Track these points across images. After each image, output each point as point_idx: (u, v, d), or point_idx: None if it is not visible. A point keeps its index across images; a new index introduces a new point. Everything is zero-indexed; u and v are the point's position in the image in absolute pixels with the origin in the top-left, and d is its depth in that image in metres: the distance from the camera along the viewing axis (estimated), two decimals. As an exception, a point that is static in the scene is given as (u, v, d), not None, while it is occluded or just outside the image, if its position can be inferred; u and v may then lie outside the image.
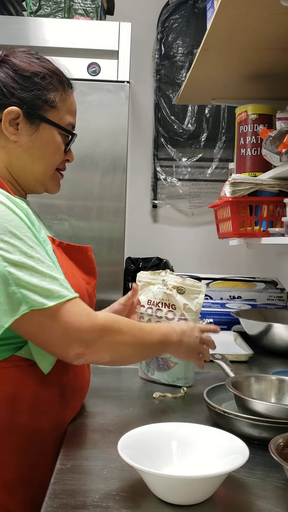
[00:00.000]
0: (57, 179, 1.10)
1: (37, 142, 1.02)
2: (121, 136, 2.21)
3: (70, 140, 1.08)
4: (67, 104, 1.05)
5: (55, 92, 1.02)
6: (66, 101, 1.05)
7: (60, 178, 1.11)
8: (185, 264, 2.81)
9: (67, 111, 1.05)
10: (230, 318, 1.78)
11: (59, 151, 1.05)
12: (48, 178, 1.07)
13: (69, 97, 1.06)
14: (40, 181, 1.06)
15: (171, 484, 0.69)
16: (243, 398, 0.95)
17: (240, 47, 1.46)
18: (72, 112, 1.07)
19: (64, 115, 1.04)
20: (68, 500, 0.71)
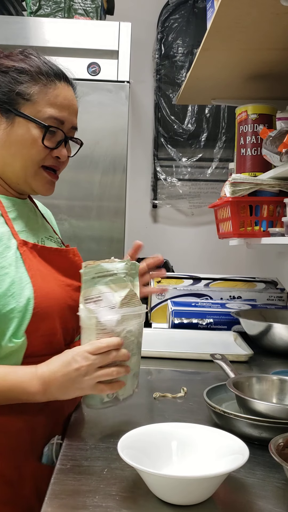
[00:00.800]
0: (44, 178, 1.05)
1: (12, 136, 1.01)
2: (121, 136, 2.21)
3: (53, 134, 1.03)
4: (49, 97, 1.01)
5: (31, 85, 1.00)
6: (47, 93, 1.01)
7: (50, 178, 1.06)
8: (185, 264, 2.82)
9: (47, 104, 1.01)
10: (230, 318, 1.78)
11: (36, 145, 1.01)
12: (31, 176, 1.03)
13: (53, 90, 1.02)
14: (21, 178, 1.04)
15: (171, 484, 0.69)
16: (245, 399, 0.95)
17: (240, 47, 1.46)
18: (56, 104, 1.02)
19: (43, 108, 1.00)
20: (68, 500, 0.71)
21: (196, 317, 1.79)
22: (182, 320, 1.78)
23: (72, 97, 1.06)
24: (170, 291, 1.97)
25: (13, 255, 0.97)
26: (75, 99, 1.09)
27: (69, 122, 1.05)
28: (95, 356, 0.87)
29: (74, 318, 1.04)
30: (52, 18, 2.25)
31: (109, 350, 0.88)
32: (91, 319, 0.90)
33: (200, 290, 1.98)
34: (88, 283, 0.91)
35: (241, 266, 2.91)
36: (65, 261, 1.08)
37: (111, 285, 0.93)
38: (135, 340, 0.96)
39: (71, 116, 1.06)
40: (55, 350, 1.00)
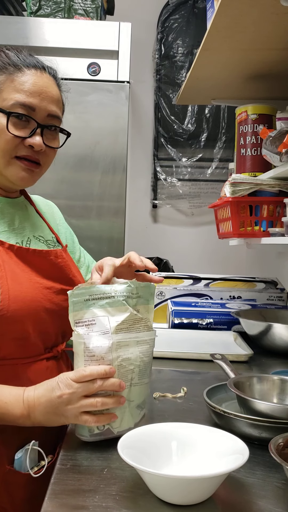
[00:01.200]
0: (18, 166, 0.99)
1: None
2: (121, 136, 2.21)
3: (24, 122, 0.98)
4: (15, 84, 0.97)
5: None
6: (14, 81, 0.97)
7: (24, 166, 1.00)
8: (185, 264, 2.82)
9: (13, 91, 0.97)
10: (230, 318, 1.78)
11: (3, 134, 0.96)
12: (3, 166, 0.99)
13: (20, 77, 0.97)
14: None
15: (171, 484, 0.69)
16: (246, 399, 0.95)
17: (240, 47, 1.46)
18: (23, 90, 0.97)
19: (8, 95, 0.97)
20: (68, 500, 0.71)
21: (196, 317, 1.79)
22: (182, 320, 1.78)
23: (45, 84, 1.00)
24: (170, 291, 1.97)
25: None
26: (52, 86, 1.02)
27: (43, 109, 0.99)
28: (78, 385, 0.82)
29: (56, 321, 1.02)
30: (52, 18, 2.25)
31: (94, 379, 0.83)
32: (80, 345, 0.86)
33: (200, 290, 1.98)
34: (79, 305, 0.86)
35: (241, 266, 2.91)
36: (45, 263, 1.05)
37: (107, 309, 0.87)
38: (135, 369, 0.89)
39: (45, 103, 0.99)
40: (32, 354, 0.99)
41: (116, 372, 0.86)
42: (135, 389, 0.90)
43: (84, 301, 0.87)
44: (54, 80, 1.04)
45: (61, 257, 1.09)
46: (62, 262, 1.09)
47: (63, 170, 2.14)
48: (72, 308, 0.87)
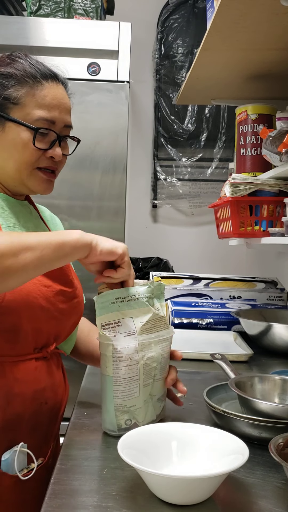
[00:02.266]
0: (40, 178, 1.04)
1: (3, 141, 1.01)
2: (121, 136, 2.21)
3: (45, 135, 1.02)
4: (37, 98, 1.00)
5: (18, 89, 1.00)
6: (35, 95, 1.00)
7: (46, 177, 1.05)
8: (185, 264, 2.82)
9: (36, 106, 1.00)
10: (230, 318, 1.78)
11: (28, 148, 1.00)
12: (26, 177, 1.03)
13: (40, 91, 1.01)
14: (17, 180, 1.04)
15: (171, 484, 0.69)
16: (248, 399, 0.95)
17: (240, 47, 1.46)
18: (45, 105, 1.01)
19: (31, 110, 1.00)
20: (68, 500, 0.71)
21: (196, 317, 1.79)
22: (182, 320, 1.78)
23: (62, 96, 1.04)
24: (170, 291, 1.97)
25: None
26: (66, 97, 1.07)
27: (61, 121, 1.03)
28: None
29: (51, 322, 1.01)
30: (52, 18, 2.25)
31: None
32: (108, 346, 0.88)
33: (200, 290, 1.98)
34: (105, 309, 0.89)
35: (241, 266, 2.91)
36: None
37: (131, 310, 0.91)
38: (158, 365, 0.94)
39: (62, 114, 1.04)
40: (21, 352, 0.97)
41: (142, 371, 0.91)
42: (157, 384, 0.95)
43: (110, 304, 0.89)
44: (65, 89, 1.07)
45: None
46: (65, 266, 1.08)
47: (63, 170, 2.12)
48: (98, 313, 0.89)
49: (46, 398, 1.01)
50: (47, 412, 1.02)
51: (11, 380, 0.95)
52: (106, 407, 0.92)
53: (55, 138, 1.03)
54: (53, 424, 1.06)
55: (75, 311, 1.08)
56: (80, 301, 1.11)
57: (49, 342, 1.04)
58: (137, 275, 2.70)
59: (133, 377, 0.90)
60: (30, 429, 0.98)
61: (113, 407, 0.90)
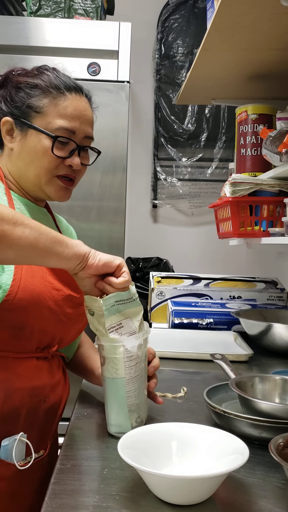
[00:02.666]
0: (57, 185, 1.07)
1: (25, 147, 1.05)
2: (121, 136, 2.21)
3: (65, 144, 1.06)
4: (59, 108, 1.05)
5: (41, 98, 1.04)
6: (57, 105, 1.05)
7: (63, 185, 1.08)
8: (185, 264, 2.82)
9: (57, 115, 1.05)
10: (230, 318, 1.78)
11: (47, 155, 1.04)
12: (44, 183, 1.06)
13: (63, 102, 1.05)
14: (36, 186, 1.07)
15: (171, 484, 0.69)
16: (249, 399, 0.95)
17: (240, 47, 1.46)
18: (66, 115, 1.05)
19: (53, 120, 1.04)
20: (68, 500, 0.72)
21: (196, 317, 1.79)
22: (182, 320, 1.78)
23: (84, 108, 1.08)
24: (170, 291, 1.97)
25: None
26: (89, 109, 1.11)
27: (81, 131, 1.07)
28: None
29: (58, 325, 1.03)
30: (52, 18, 2.25)
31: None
32: (118, 348, 0.89)
33: (200, 290, 1.98)
34: (108, 311, 0.90)
35: (241, 266, 2.91)
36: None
37: (129, 310, 0.93)
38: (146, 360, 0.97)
39: (83, 126, 1.07)
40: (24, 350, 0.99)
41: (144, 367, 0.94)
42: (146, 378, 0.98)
43: (111, 307, 0.91)
44: (89, 102, 1.12)
45: None
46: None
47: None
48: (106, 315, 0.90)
49: (45, 395, 1.02)
50: (45, 410, 1.03)
51: (12, 374, 0.97)
52: (118, 410, 0.91)
53: (74, 148, 1.06)
54: (51, 422, 1.06)
55: (81, 318, 1.08)
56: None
57: (52, 344, 1.05)
58: (137, 275, 2.70)
59: (140, 374, 0.93)
60: (27, 424, 0.99)
61: (126, 408, 0.91)
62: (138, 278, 2.70)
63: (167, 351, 1.48)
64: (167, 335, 1.71)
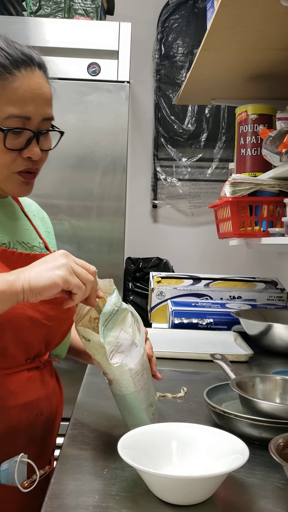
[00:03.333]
0: (17, 181, 0.92)
1: None
2: (121, 136, 2.21)
3: (19, 134, 0.88)
4: (7, 93, 0.86)
5: None
6: (5, 88, 0.86)
7: (24, 180, 0.93)
8: (185, 264, 2.82)
9: (6, 101, 0.86)
10: (230, 318, 1.78)
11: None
12: (2, 181, 0.92)
13: (11, 83, 0.86)
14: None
15: (171, 484, 0.69)
16: (250, 399, 0.95)
17: (240, 47, 1.46)
18: (17, 100, 0.86)
19: (1, 107, 0.86)
20: (68, 500, 0.71)
21: (196, 317, 1.79)
22: (182, 320, 1.78)
23: (38, 85, 0.89)
24: (170, 291, 1.97)
25: None
26: (45, 84, 0.91)
27: (38, 115, 0.90)
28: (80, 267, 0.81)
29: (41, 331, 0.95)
30: (52, 18, 2.25)
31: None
32: (124, 372, 0.84)
33: (200, 290, 1.98)
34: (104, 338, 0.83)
35: (241, 266, 2.91)
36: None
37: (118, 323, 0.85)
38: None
39: (39, 108, 0.89)
40: (12, 365, 0.92)
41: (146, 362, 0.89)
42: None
43: (104, 329, 0.83)
44: (44, 74, 0.92)
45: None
46: None
47: (63, 170, 2.13)
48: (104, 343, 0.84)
49: (41, 408, 0.97)
50: (43, 423, 0.98)
51: (4, 392, 0.91)
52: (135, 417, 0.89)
53: (31, 136, 0.89)
54: (50, 435, 1.02)
55: (66, 317, 0.99)
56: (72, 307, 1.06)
57: (41, 352, 0.99)
58: (137, 275, 2.70)
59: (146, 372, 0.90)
60: (26, 441, 0.94)
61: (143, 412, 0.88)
62: (138, 278, 2.70)
63: (167, 351, 1.48)
64: (167, 335, 1.71)
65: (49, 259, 0.80)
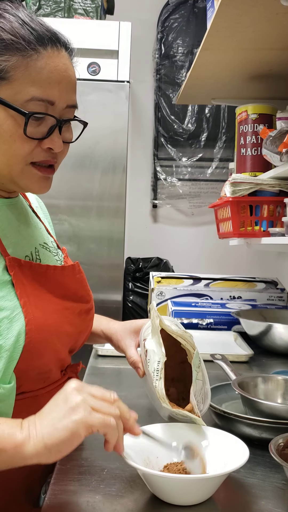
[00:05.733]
0: (33, 175, 0.82)
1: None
2: (121, 136, 2.21)
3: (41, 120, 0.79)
4: (30, 72, 0.76)
5: (5, 58, 0.76)
6: (28, 67, 0.76)
7: (42, 174, 0.83)
8: (185, 264, 2.82)
9: (29, 81, 0.76)
10: (230, 318, 1.78)
11: (17, 137, 0.78)
12: (16, 174, 0.81)
13: (35, 61, 0.76)
14: (6, 177, 0.82)
15: (171, 484, 0.69)
16: (252, 399, 0.95)
17: (240, 47, 1.46)
18: (41, 81, 0.77)
19: (23, 88, 0.76)
20: (68, 501, 0.71)
21: (196, 317, 1.79)
22: (182, 320, 1.78)
23: (64, 67, 0.80)
24: (170, 291, 1.97)
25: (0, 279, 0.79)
26: (71, 67, 0.82)
27: (62, 101, 0.80)
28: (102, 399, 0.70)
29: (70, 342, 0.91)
30: (52, 18, 2.25)
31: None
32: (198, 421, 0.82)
33: (200, 290, 1.98)
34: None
35: (241, 266, 2.91)
36: (66, 280, 0.90)
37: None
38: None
39: (64, 92, 0.80)
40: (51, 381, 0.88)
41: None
42: None
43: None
44: (69, 56, 0.83)
45: (79, 271, 0.95)
46: (80, 278, 0.95)
47: (63, 170, 2.12)
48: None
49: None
50: None
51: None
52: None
53: (54, 124, 0.80)
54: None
55: (89, 323, 0.97)
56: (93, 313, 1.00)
57: (68, 361, 0.95)
58: (137, 275, 2.70)
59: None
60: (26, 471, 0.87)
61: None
62: (138, 278, 2.70)
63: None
64: (167, 335, 1.71)
65: (60, 400, 0.68)
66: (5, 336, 0.75)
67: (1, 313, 0.76)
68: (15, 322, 0.76)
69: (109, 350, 1.44)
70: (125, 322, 1.06)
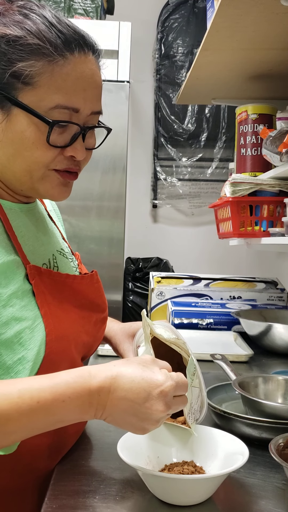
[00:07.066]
0: (54, 180, 0.80)
1: (9, 133, 0.76)
2: (121, 136, 2.21)
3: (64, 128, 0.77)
4: (56, 78, 0.73)
5: (30, 62, 0.72)
6: (54, 73, 0.73)
7: (62, 179, 0.80)
8: (185, 264, 2.82)
9: (54, 88, 0.73)
10: (230, 318, 1.78)
11: (39, 145, 0.75)
12: (37, 181, 0.79)
13: (61, 67, 0.73)
14: (26, 184, 0.80)
15: (171, 485, 0.69)
16: (253, 399, 0.95)
17: (240, 47, 1.46)
18: (66, 88, 0.74)
19: (48, 95, 0.73)
20: (68, 501, 0.71)
21: (196, 317, 1.79)
22: (182, 320, 1.78)
23: (91, 73, 0.77)
24: (170, 291, 1.97)
25: (20, 288, 0.75)
26: (97, 72, 0.80)
27: (88, 107, 0.78)
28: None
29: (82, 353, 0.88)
30: (52, 18, 2.25)
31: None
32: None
33: (200, 290, 1.98)
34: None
35: (241, 266, 2.91)
36: (85, 289, 0.88)
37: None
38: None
39: (90, 99, 0.78)
40: None
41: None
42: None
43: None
44: (96, 60, 0.81)
45: (97, 281, 0.94)
46: (98, 287, 0.93)
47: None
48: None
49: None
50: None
51: None
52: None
53: (78, 132, 0.78)
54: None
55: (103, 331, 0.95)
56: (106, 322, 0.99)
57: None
58: (137, 275, 2.70)
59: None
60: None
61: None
62: (138, 278, 2.70)
63: (167, 351, 1.48)
64: (167, 335, 1.71)
65: (140, 400, 0.65)
66: (27, 347, 0.73)
67: (22, 323, 0.73)
68: (37, 333, 0.74)
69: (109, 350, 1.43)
70: (124, 325, 1.05)
